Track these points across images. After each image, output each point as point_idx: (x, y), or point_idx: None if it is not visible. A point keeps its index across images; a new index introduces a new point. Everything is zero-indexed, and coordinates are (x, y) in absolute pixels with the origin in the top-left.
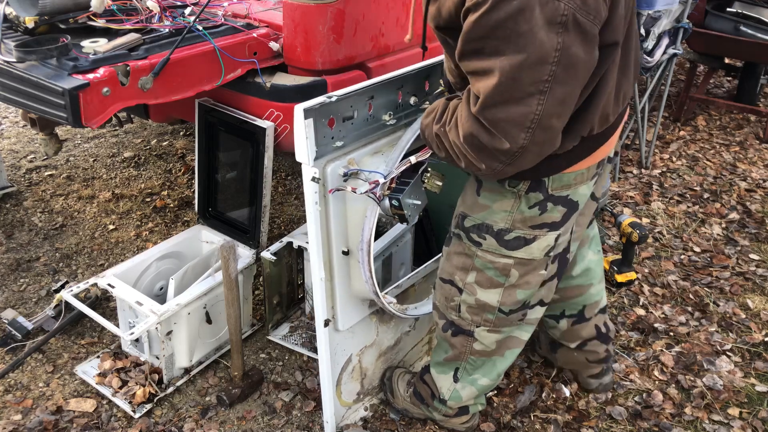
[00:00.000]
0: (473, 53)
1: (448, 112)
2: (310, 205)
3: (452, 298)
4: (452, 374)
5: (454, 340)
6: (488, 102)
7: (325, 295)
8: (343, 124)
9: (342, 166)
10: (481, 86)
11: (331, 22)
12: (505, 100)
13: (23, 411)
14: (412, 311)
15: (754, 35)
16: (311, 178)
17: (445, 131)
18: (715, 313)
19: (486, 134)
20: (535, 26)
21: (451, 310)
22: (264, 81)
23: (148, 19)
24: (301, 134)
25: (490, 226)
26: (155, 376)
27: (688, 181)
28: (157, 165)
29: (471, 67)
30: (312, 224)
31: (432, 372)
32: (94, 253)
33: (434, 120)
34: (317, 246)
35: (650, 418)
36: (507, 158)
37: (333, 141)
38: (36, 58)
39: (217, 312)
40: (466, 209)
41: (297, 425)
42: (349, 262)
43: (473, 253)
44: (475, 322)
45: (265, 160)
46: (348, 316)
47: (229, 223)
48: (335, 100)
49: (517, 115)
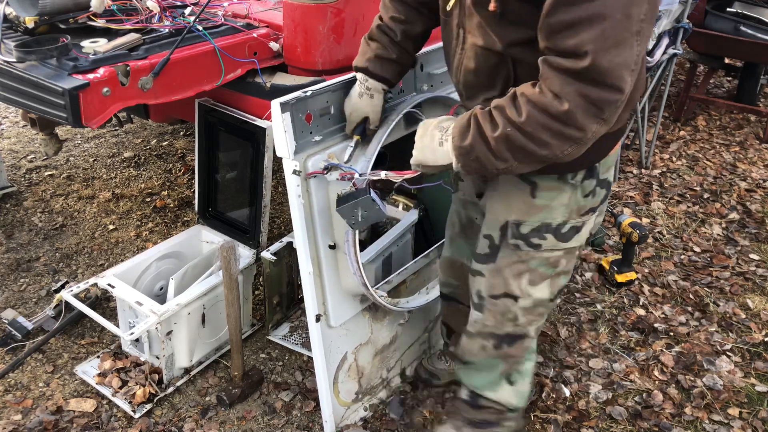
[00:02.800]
0: (572, 3)
1: (506, 110)
2: (293, 198)
3: (508, 310)
4: (507, 383)
5: (510, 350)
6: (603, 47)
7: (314, 289)
8: (320, 119)
9: (322, 160)
10: (588, 35)
11: (331, 22)
12: (618, 43)
13: (23, 411)
14: (404, 305)
15: (754, 35)
16: (292, 171)
17: (519, 126)
18: (715, 313)
19: (596, 89)
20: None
21: (507, 322)
22: (264, 81)
23: (148, 19)
24: (279, 128)
25: (549, 225)
26: (155, 376)
27: (688, 181)
28: (157, 165)
29: (570, 18)
30: (297, 218)
31: (487, 395)
32: (94, 253)
33: (489, 129)
34: (303, 239)
35: (650, 418)
36: (606, 117)
37: (312, 136)
38: (36, 58)
39: (217, 312)
40: (519, 216)
41: (297, 425)
42: (336, 256)
43: (530, 257)
44: (529, 321)
45: (265, 160)
46: (340, 312)
47: (229, 223)
48: (310, 95)
49: (628, 57)
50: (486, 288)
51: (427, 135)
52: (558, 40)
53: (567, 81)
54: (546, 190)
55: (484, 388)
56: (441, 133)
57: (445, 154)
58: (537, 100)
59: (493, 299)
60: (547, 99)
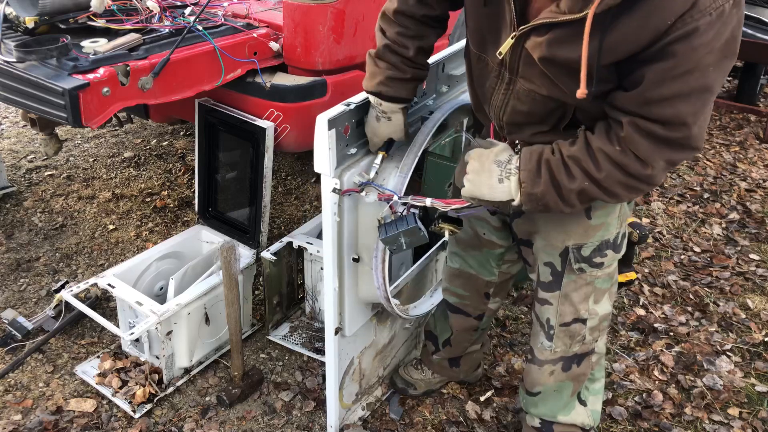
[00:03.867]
0: (677, 78)
1: (584, 163)
2: (328, 216)
3: (578, 333)
4: (579, 403)
5: (578, 370)
6: (701, 117)
7: (336, 304)
8: (357, 129)
9: (357, 174)
10: (689, 108)
11: (331, 22)
12: (709, 109)
13: (23, 411)
14: (413, 311)
15: (754, 35)
16: (332, 190)
17: (597, 181)
18: (715, 313)
19: (683, 153)
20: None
21: (575, 344)
22: (264, 81)
23: (148, 19)
24: (324, 145)
25: (608, 241)
26: (155, 376)
27: (688, 181)
28: (157, 165)
29: (670, 92)
30: (328, 236)
31: (560, 419)
32: (94, 253)
33: (565, 179)
34: (332, 257)
35: (650, 418)
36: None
37: (347, 148)
38: (36, 58)
39: (217, 312)
40: (578, 239)
41: (297, 425)
42: (357, 268)
43: (594, 277)
44: (594, 338)
45: (265, 160)
46: (353, 322)
47: (229, 223)
48: (353, 108)
49: (709, 117)
50: (555, 316)
51: (484, 171)
52: (654, 109)
53: (656, 147)
54: (600, 209)
55: (556, 414)
56: (500, 168)
57: (505, 192)
58: (619, 161)
59: (564, 327)
60: (630, 160)
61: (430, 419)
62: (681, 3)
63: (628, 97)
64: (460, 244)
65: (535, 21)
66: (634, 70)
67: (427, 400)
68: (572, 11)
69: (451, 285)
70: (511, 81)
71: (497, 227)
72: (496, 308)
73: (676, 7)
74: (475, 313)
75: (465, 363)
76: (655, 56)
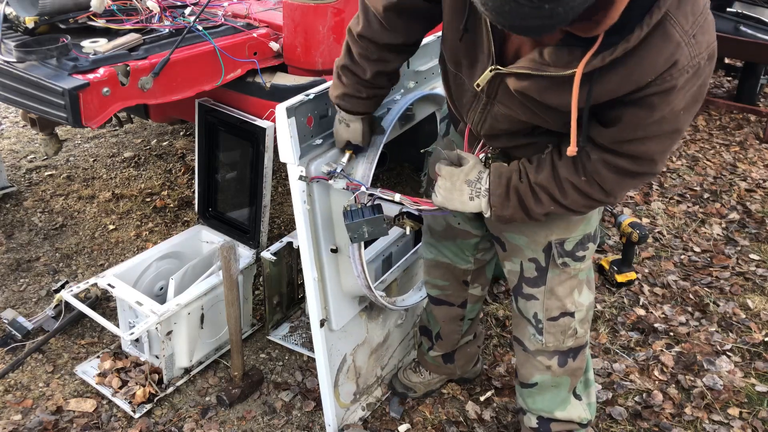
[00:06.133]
0: (652, 124)
1: (551, 191)
2: (298, 204)
3: (568, 327)
4: (573, 398)
5: (575, 364)
6: (668, 153)
7: (318, 294)
8: (320, 121)
9: (324, 164)
10: (659, 147)
11: (331, 22)
12: (675, 143)
13: (23, 411)
14: (401, 303)
15: (754, 35)
16: (298, 177)
17: (563, 205)
18: (715, 313)
19: (645, 179)
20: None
21: (568, 339)
22: (264, 81)
23: (148, 19)
24: (285, 133)
25: (589, 234)
26: (155, 376)
27: (688, 181)
28: (157, 165)
29: (642, 134)
30: (301, 224)
31: (557, 415)
32: (94, 253)
33: (532, 204)
34: (308, 245)
35: (650, 418)
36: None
37: (313, 139)
38: (36, 58)
39: (217, 312)
40: (561, 234)
41: (297, 425)
42: (338, 259)
43: (578, 270)
44: (585, 330)
45: (265, 160)
46: (340, 315)
47: (229, 223)
48: (313, 98)
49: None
50: (542, 311)
51: (456, 190)
52: (625, 146)
53: (621, 180)
54: None
55: (553, 409)
56: (470, 188)
57: (476, 207)
58: (584, 190)
59: (552, 321)
60: (594, 190)
61: (430, 419)
62: (663, 62)
63: (602, 133)
64: (434, 235)
65: (518, 68)
66: (612, 108)
67: (427, 400)
68: (557, 66)
69: (430, 277)
70: (489, 103)
71: (471, 217)
72: (479, 294)
73: (658, 66)
74: (458, 302)
75: (459, 357)
76: (634, 102)
